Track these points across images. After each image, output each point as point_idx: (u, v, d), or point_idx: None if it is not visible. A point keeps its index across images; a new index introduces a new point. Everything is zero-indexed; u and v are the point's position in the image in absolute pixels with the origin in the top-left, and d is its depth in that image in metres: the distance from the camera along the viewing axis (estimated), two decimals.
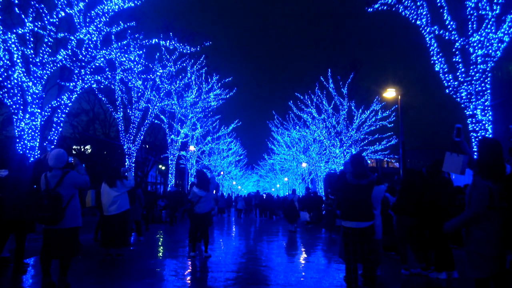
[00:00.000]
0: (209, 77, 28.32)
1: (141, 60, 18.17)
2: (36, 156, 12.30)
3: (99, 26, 13.62)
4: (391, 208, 7.66)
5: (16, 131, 12.35)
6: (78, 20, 13.09)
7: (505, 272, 3.85)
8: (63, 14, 12.58)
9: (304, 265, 8.70)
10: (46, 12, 12.24)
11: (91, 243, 10.63)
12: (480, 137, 11.96)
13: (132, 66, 17.75)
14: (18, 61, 11.84)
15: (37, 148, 12.38)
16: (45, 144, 12.12)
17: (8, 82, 11.82)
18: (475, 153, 4.40)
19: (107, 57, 15.05)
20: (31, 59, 12.36)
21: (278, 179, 65.19)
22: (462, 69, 12.39)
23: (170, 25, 26.09)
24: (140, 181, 13.41)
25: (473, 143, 12.09)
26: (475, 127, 12.24)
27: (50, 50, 12.74)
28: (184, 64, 24.71)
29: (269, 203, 28.10)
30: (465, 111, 12.50)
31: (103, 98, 22.05)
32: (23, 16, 11.90)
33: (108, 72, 16.80)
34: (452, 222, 4.06)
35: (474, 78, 12.19)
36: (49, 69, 12.70)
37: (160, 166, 52.66)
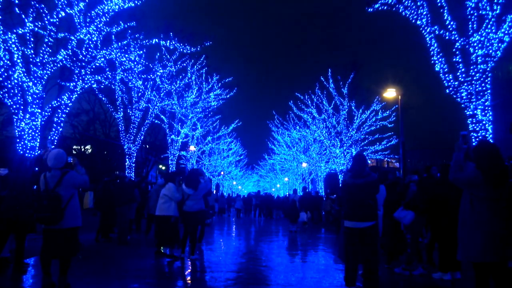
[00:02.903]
0: (209, 77, 28.31)
1: (141, 60, 18.15)
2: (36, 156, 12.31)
3: (99, 26, 13.61)
4: (419, 208, 7.35)
5: (16, 131, 12.35)
6: (78, 20, 13.08)
7: (503, 265, 3.89)
8: (63, 14, 12.57)
9: (304, 265, 8.70)
10: (46, 12, 12.23)
11: (91, 243, 10.64)
12: (480, 137, 11.95)
13: (132, 66, 17.74)
14: (18, 61, 11.84)
15: (37, 148, 12.37)
16: (47, 142, 12.14)
17: (8, 82, 11.81)
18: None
19: (107, 57, 15.05)
20: (31, 59, 12.35)
21: (278, 179, 65.21)
22: (462, 69, 12.37)
23: (171, 25, 26.07)
24: (140, 180, 13.34)
25: (474, 144, 12.07)
26: (475, 127, 12.23)
27: (50, 50, 12.73)
28: (184, 64, 24.68)
29: (269, 203, 28.12)
30: (465, 111, 12.49)
31: (103, 98, 22.04)
32: (23, 16, 11.89)
33: (108, 72, 16.80)
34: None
35: (474, 78, 12.17)
36: (49, 69, 12.69)
37: (160, 166, 52.69)
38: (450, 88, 12.70)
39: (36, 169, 7.10)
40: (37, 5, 11.97)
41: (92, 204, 10.75)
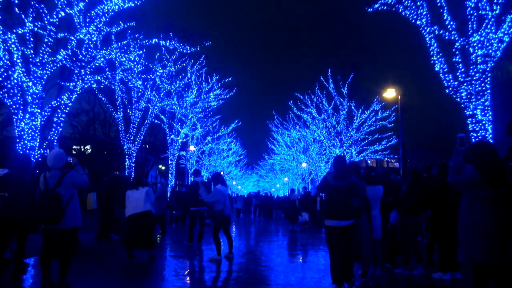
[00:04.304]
0: (209, 77, 28.29)
1: (141, 60, 18.15)
2: (36, 156, 12.29)
3: (99, 26, 13.60)
4: (400, 209, 7.46)
5: (16, 131, 12.34)
6: (78, 20, 13.07)
7: (503, 265, 3.88)
8: (63, 14, 12.56)
9: (304, 265, 8.70)
10: (46, 12, 12.22)
11: (91, 243, 10.64)
12: (480, 137, 11.95)
13: (132, 66, 17.73)
14: (18, 61, 11.83)
15: (37, 148, 12.37)
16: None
17: (8, 82, 11.81)
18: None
19: (107, 57, 15.03)
20: (31, 59, 12.34)
21: (278, 179, 65.18)
22: (462, 69, 12.37)
23: (170, 25, 26.08)
24: (127, 178, 13.15)
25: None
26: (475, 127, 12.23)
27: (50, 50, 12.72)
28: (184, 64, 24.68)
29: (268, 203, 28.14)
30: (465, 111, 12.49)
31: (103, 98, 22.01)
32: (23, 16, 11.88)
33: (108, 72, 16.78)
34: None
35: (474, 78, 12.17)
36: (49, 69, 12.68)
37: (160, 166, 52.67)
38: (450, 88, 12.70)
39: (37, 171, 7.09)
40: (37, 5, 11.96)
41: (96, 204, 10.68)
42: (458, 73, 12.48)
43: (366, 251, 6.38)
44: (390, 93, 19.22)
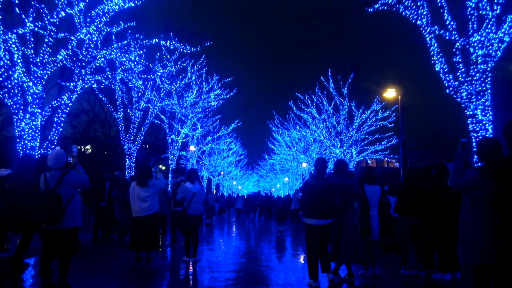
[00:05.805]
0: (209, 77, 28.31)
1: (142, 60, 18.13)
2: (38, 157, 12.29)
3: (99, 26, 13.59)
4: (394, 209, 7.63)
5: (16, 131, 12.34)
6: (78, 20, 13.06)
7: (503, 265, 3.87)
8: (63, 14, 12.55)
9: (304, 265, 8.69)
10: (47, 12, 12.21)
11: (91, 243, 10.65)
12: (480, 137, 11.95)
13: (132, 66, 17.71)
14: (19, 61, 11.83)
15: (37, 148, 12.37)
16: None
17: (9, 82, 11.80)
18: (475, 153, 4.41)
19: (107, 57, 15.01)
20: (31, 59, 12.34)
21: (278, 179, 65.17)
22: (462, 69, 12.37)
23: (171, 25, 26.10)
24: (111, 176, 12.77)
25: (474, 144, 12.08)
26: (475, 127, 12.23)
27: (50, 50, 12.71)
28: (185, 64, 24.67)
29: (268, 203, 28.15)
30: (465, 111, 12.49)
31: (103, 98, 22.00)
32: (23, 16, 11.88)
33: (108, 72, 16.77)
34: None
35: (474, 78, 12.17)
36: (50, 69, 12.67)
37: (160, 166, 52.65)
38: (450, 88, 12.70)
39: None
40: (37, 5, 11.96)
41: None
42: (458, 73, 12.48)
43: (356, 251, 6.42)
44: (390, 93, 19.24)
